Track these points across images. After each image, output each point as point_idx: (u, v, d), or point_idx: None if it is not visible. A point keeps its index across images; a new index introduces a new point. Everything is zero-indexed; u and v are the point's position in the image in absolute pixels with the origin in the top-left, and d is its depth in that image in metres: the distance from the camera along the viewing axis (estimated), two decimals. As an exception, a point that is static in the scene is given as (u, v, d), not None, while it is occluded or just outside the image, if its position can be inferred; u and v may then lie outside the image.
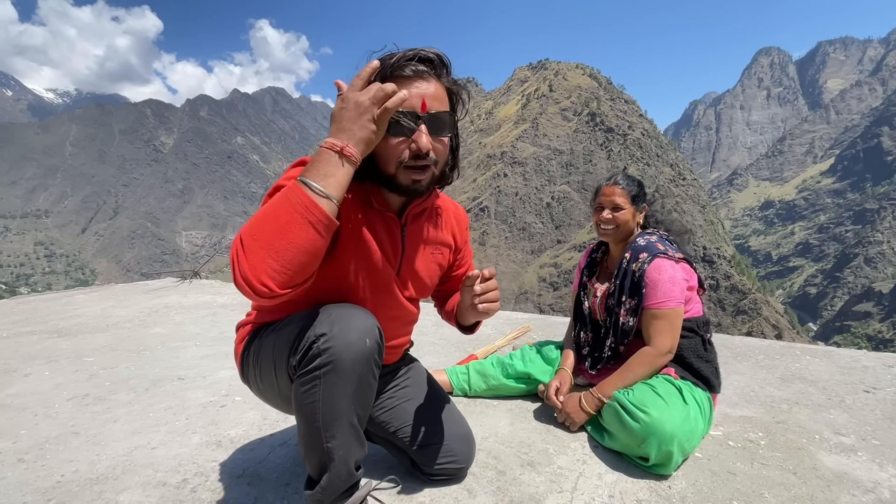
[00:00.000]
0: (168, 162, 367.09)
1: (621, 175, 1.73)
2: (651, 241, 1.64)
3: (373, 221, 1.02)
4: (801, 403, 1.89)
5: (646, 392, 1.44)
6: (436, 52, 0.93)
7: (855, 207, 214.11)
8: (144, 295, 4.35)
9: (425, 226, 1.12)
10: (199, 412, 1.77)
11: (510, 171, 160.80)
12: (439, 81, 0.93)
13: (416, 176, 0.93)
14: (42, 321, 3.31)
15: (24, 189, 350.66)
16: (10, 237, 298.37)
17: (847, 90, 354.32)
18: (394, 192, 0.99)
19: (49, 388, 2.02)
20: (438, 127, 0.92)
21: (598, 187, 1.76)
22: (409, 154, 0.91)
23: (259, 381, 1.04)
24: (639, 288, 1.57)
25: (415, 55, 0.91)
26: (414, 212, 1.07)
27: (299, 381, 0.90)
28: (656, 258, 1.57)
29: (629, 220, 1.69)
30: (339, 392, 0.89)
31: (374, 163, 0.95)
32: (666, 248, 1.61)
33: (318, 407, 0.89)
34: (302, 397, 0.90)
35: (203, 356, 2.48)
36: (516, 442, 1.54)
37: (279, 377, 0.97)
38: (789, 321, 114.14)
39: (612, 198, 1.69)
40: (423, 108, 0.89)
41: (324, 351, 0.86)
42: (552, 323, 3.28)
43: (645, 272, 1.56)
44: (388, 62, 0.89)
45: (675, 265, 1.57)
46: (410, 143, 0.90)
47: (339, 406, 0.90)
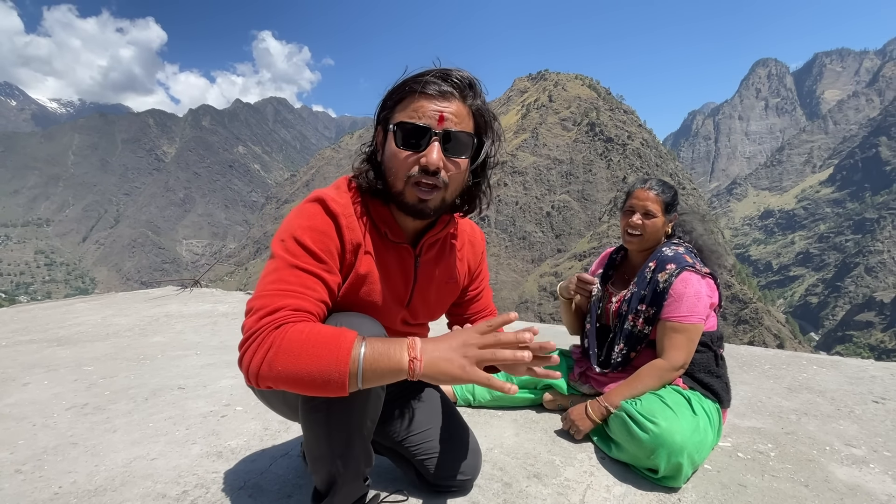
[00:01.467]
0: (170, 171, 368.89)
1: (655, 180, 1.63)
2: (679, 252, 1.56)
3: (385, 255, 0.98)
4: (810, 414, 1.86)
5: (654, 402, 1.41)
6: (466, 74, 0.90)
7: (854, 217, 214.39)
8: (145, 303, 4.33)
9: (441, 255, 1.08)
10: (199, 422, 1.74)
11: (510, 181, 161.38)
12: (464, 103, 0.90)
13: (424, 195, 0.88)
14: (42, 330, 3.29)
15: (25, 198, 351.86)
16: (10, 245, 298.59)
17: (844, 101, 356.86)
18: (402, 211, 0.94)
19: (48, 397, 2.00)
20: (454, 146, 0.88)
21: (630, 190, 1.66)
22: (418, 169, 0.87)
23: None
24: (661, 298, 1.51)
25: (442, 74, 0.88)
26: (429, 242, 1.03)
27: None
28: (685, 271, 1.51)
29: (659, 228, 1.60)
30: (348, 403, 0.85)
31: (384, 178, 0.92)
32: (694, 262, 1.54)
33: (327, 419, 0.87)
34: (310, 408, 0.87)
35: (203, 365, 2.45)
36: (522, 453, 1.50)
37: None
38: (791, 331, 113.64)
39: (645, 203, 1.59)
40: (439, 124, 0.86)
41: None
42: (555, 332, 3.25)
43: (672, 284, 1.50)
44: (413, 77, 0.87)
45: (702, 280, 1.52)
46: (420, 159, 0.86)
47: (347, 417, 0.87)
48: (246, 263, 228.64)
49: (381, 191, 0.93)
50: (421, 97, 0.86)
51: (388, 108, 0.90)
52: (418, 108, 0.85)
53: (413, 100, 0.86)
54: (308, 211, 0.90)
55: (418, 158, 0.86)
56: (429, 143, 0.86)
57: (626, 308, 1.61)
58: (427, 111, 0.85)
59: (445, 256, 1.09)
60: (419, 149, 0.86)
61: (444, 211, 0.97)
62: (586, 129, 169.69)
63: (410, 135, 0.85)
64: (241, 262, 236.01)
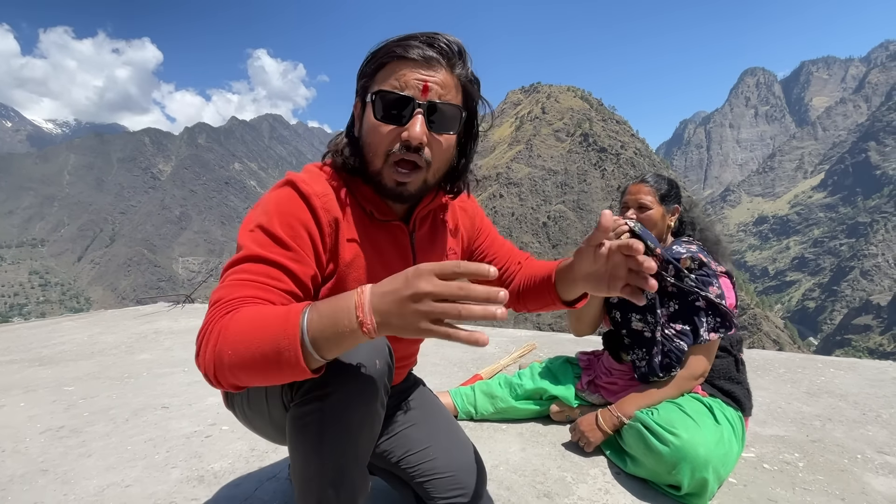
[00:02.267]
0: (165, 189, 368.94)
1: (651, 174, 1.59)
2: (692, 250, 1.46)
3: (375, 236, 0.90)
4: (835, 419, 1.76)
5: (673, 411, 1.32)
6: (454, 39, 0.79)
7: (848, 221, 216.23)
8: (134, 321, 4.20)
9: (436, 227, 1.01)
10: (181, 444, 1.64)
11: (506, 192, 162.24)
12: (451, 72, 0.80)
13: (402, 178, 0.80)
14: (24, 349, 3.15)
15: (20, 218, 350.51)
16: (4, 267, 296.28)
17: (832, 107, 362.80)
18: (380, 195, 0.86)
19: (22, 420, 1.89)
20: (440, 120, 0.78)
21: (625, 187, 1.62)
22: (399, 145, 0.78)
23: (246, 407, 0.91)
24: (693, 313, 1.40)
25: (427, 39, 0.77)
26: (421, 215, 0.95)
27: (297, 408, 0.77)
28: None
29: (657, 221, 1.52)
30: (344, 421, 0.77)
31: (361, 155, 0.83)
32: (709, 260, 1.45)
33: (319, 438, 0.77)
34: (300, 427, 0.77)
35: (190, 382, 2.34)
36: (530, 470, 1.41)
37: (271, 403, 0.83)
38: (790, 336, 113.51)
39: (637, 196, 1.54)
40: (423, 94, 0.76)
41: (327, 375, 0.74)
42: (558, 340, 3.15)
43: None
44: (395, 41, 0.77)
45: (717, 280, 1.44)
46: (402, 133, 0.77)
47: (343, 437, 0.77)
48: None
49: (358, 169, 0.85)
50: (403, 63, 0.76)
51: (367, 76, 0.80)
52: (400, 77, 0.76)
53: (395, 66, 0.76)
54: (276, 196, 0.80)
55: (399, 133, 0.77)
56: (411, 116, 0.76)
57: (660, 319, 1.48)
58: (410, 80, 0.76)
59: (440, 228, 1.02)
60: (401, 121, 0.77)
61: (426, 193, 0.89)
62: (580, 139, 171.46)
63: (391, 105, 0.76)
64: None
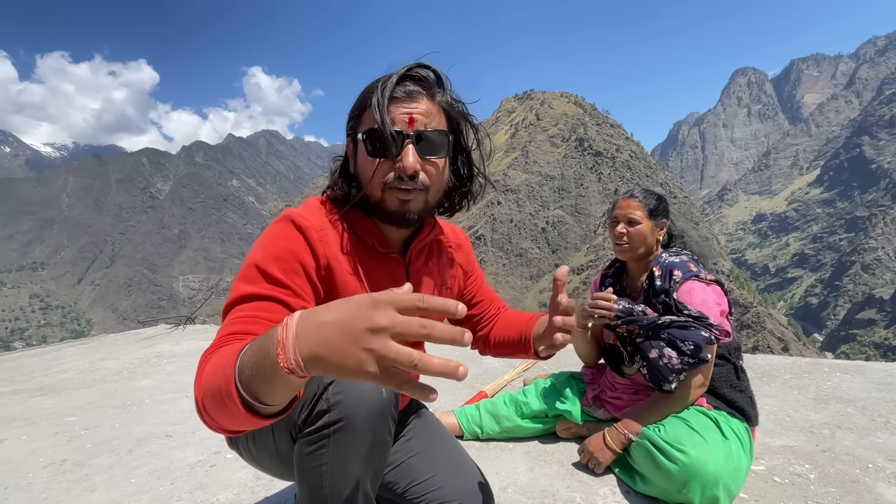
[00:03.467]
0: (164, 208, 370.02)
1: (638, 189, 1.62)
2: (683, 259, 1.50)
3: (373, 269, 0.93)
4: (844, 427, 1.73)
5: (679, 427, 1.31)
6: (431, 69, 0.86)
7: (846, 216, 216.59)
8: (136, 344, 4.18)
9: (431, 261, 1.04)
10: (185, 475, 1.64)
11: (503, 199, 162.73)
12: (432, 100, 0.86)
13: (404, 196, 0.85)
14: (26, 379, 3.13)
15: (19, 242, 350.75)
16: (5, 291, 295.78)
17: (824, 104, 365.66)
18: (385, 221, 0.90)
19: (24, 454, 1.87)
20: (429, 147, 0.84)
21: (615, 201, 1.65)
22: (393, 176, 0.83)
23: (251, 444, 0.90)
24: (671, 313, 1.42)
25: (405, 73, 0.84)
26: (417, 248, 0.99)
27: (303, 441, 0.77)
28: (687, 280, 1.44)
29: (646, 235, 1.55)
30: (352, 453, 0.77)
31: (360, 188, 0.89)
32: (699, 270, 1.47)
33: (327, 471, 0.77)
34: (307, 460, 0.78)
35: (193, 409, 2.34)
36: (538, 491, 1.39)
37: (278, 437, 0.84)
38: (794, 333, 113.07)
39: (626, 211, 1.57)
40: (409, 126, 0.82)
41: (334, 405, 0.75)
42: (562, 352, 3.13)
43: (677, 294, 1.43)
44: (376, 88, 0.82)
45: (707, 287, 1.44)
46: (396, 164, 0.83)
47: (350, 470, 0.78)
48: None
49: (360, 202, 0.89)
50: (391, 105, 0.82)
51: (355, 118, 0.88)
52: (375, 117, 0.81)
53: (370, 108, 0.82)
54: (273, 232, 0.85)
55: (393, 164, 0.83)
56: (402, 147, 0.82)
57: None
58: (396, 116, 0.82)
59: (435, 263, 1.05)
60: (393, 155, 0.82)
61: (429, 214, 0.95)
62: (575, 144, 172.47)
63: (382, 142, 0.81)
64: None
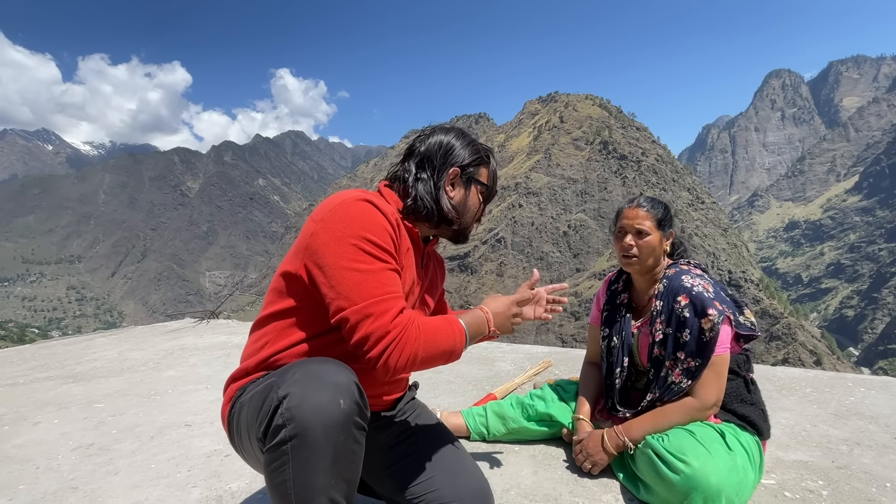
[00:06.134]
0: (193, 205, 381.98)
1: (643, 197, 1.54)
2: (709, 290, 1.42)
3: (408, 256, 1.12)
4: (863, 444, 1.68)
5: (683, 438, 1.30)
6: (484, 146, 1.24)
7: (886, 225, 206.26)
8: (162, 337, 4.35)
9: (431, 262, 1.30)
10: (202, 463, 1.70)
11: (525, 202, 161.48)
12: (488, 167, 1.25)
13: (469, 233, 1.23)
14: (60, 366, 3.31)
15: (59, 236, 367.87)
16: (44, 283, 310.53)
17: (865, 107, 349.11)
18: (449, 237, 1.22)
19: (55, 437, 1.98)
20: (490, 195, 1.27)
21: (619, 211, 1.56)
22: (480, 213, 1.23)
23: (244, 452, 0.95)
24: (707, 349, 1.36)
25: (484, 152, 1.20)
26: (429, 251, 1.25)
27: (267, 455, 0.79)
28: (722, 326, 1.37)
29: (655, 247, 1.50)
30: (313, 468, 0.76)
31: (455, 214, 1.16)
32: (716, 295, 1.42)
33: (290, 487, 0.77)
34: (272, 475, 0.79)
35: (213, 400, 2.41)
36: (541, 494, 1.40)
37: (255, 446, 0.86)
38: (828, 346, 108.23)
39: (634, 222, 1.50)
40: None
41: (289, 420, 0.75)
42: (574, 356, 3.11)
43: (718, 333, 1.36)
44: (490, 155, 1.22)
45: (728, 327, 1.40)
46: (481, 206, 1.23)
47: (314, 484, 0.77)
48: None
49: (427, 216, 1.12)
50: (487, 167, 1.21)
51: (472, 165, 1.16)
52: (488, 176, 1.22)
53: (485, 167, 1.19)
54: (367, 212, 0.97)
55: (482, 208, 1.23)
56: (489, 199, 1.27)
57: (663, 353, 1.45)
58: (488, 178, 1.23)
59: (432, 262, 1.30)
60: (486, 202, 1.23)
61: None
62: (599, 147, 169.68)
63: (490, 196, 1.22)
64: (262, 292, 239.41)
